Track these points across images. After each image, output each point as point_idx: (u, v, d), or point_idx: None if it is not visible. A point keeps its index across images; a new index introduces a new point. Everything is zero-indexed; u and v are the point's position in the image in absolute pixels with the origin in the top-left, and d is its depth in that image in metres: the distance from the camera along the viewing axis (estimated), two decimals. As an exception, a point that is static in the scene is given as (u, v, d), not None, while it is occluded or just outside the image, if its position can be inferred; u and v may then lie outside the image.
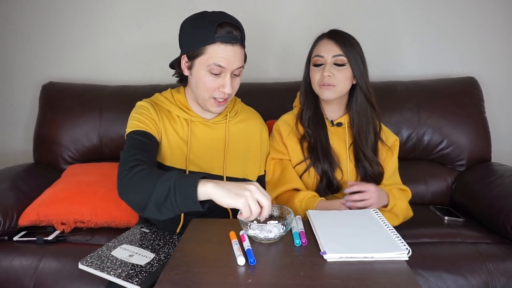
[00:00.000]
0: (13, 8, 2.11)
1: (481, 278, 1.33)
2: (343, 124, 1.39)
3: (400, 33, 2.05)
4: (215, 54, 1.12)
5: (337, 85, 1.30)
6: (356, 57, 1.29)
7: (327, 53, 1.30)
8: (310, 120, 1.38)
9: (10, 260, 1.39)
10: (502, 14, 2.04)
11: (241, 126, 1.32)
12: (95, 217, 1.53)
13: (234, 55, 1.13)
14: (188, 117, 1.25)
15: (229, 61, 1.13)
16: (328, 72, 1.28)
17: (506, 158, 1.95)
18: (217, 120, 1.28)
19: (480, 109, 1.89)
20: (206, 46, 1.11)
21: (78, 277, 1.32)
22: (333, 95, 1.31)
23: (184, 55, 1.17)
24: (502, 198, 1.53)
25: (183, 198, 0.90)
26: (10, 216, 1.49)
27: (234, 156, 1.28)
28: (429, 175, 1.86)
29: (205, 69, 1.14)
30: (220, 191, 0.88)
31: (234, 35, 1.12)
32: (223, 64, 1.12)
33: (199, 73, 1.15)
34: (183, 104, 1.27)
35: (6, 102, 2.19)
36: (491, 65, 2.08)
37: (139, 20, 2.07)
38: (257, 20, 2.08)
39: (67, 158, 1.90)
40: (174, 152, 1.23)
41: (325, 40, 1.32)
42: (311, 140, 1.36)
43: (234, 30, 1.12)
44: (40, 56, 2.15)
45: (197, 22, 1.14)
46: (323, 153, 1.33)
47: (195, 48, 1.13)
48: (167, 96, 1.28)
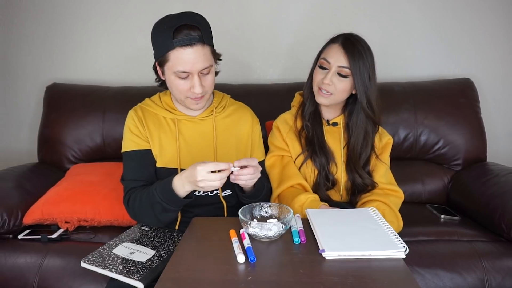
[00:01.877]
0: (18, 12, 2.11)
1: (476, 276, 1.33)
2: (339, 124, 1.39)
3: (398, 35, 2.05)
4: (177, 60, 1.11)
5: (334, 94, 1.29)
6: (362, 71, 1.25)
7: (334, 60, 1.27)
8: (311, 115, 1.38)
9: (15, 258, 1.39)
10: (497, 16, 2.04)
11: (229, 120, 1.32)
12: (98, 215, 1.53)
13: (196, 57, 1.10)
14: (174, 116, 1.26)
15: (191, 64, 1.11)
16: (329, 80, 1.27)
17: (501, 158, 1.94)
18: (203, 116, 1.28)
19: (476, 109, 1.89)
20: (168, 53, 1.11)
21: (82, 274, 1.32)
22: (328, 102, 1.31)
23: (156, 62, 1.18)
24: (497, 197, 1.53)
25: (174, 205, 1.12)
26: (15, 214, 1.49)
27: (225, 149, 1.28)
28: (426, 174, 1.85)
29: (173, 75, 1.14)
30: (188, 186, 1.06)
31: (192, 36, 1.09)
32: (186, 69, 1.11)
33: (170, 78, 1.16)
34: (169, 105, 1.28)
35: (11, 103, 2.19)
36: (487, 66, 2.08)
37: (141, 23, 2.06)
38: (257, 24, 2.08)
39: (70, 158, 1.90)
40: (164, 153, 1.24)
41: (336, 46, 1.28)
42: (310, 133, 1.36)
43: (192, 31, 1.09)
44: (44, 58, 2.15)
45: (158, 28, 1.13)
46: (319, 147, 1.33)
47: (160, 55, 1.13)
48: (154, 100, 1.30)
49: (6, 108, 2.19)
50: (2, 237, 1.48)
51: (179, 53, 1.09)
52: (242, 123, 1.33)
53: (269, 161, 1.39)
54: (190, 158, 1.26)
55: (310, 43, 2.08)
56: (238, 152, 1.31)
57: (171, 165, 1.25)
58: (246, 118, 1.35)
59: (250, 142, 1.34)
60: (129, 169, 1.24)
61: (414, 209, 1.65)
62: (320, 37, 1.36)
